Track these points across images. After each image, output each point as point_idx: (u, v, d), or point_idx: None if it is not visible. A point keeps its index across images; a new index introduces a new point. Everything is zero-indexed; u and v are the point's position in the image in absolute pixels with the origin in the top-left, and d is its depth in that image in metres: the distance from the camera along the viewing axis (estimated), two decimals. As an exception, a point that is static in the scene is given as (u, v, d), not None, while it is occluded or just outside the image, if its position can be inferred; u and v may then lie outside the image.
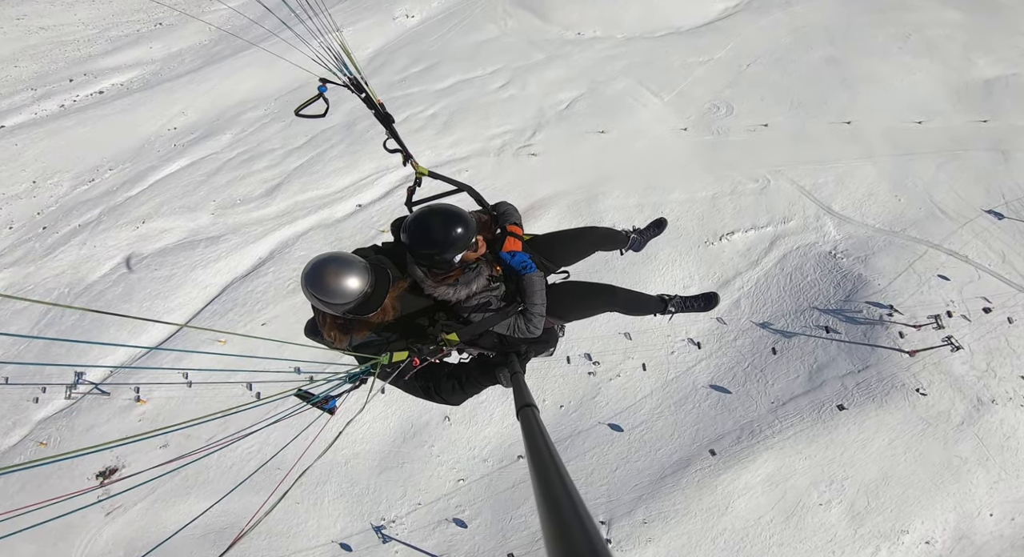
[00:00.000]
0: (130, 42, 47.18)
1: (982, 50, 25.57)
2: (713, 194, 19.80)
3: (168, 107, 32.24)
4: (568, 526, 0.82)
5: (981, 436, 13.74)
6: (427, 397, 3.07)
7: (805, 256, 17.70)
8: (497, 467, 15.35)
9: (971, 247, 17.87)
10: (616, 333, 16.68)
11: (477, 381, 3.01)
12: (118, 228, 24.88)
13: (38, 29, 56.40)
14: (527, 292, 3.06)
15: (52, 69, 43.25)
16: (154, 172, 28.30)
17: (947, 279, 16.98)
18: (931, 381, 14.23)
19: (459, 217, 2.88)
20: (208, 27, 50.79)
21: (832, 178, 20.10)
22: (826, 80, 24.51)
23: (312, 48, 3.37)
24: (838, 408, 14.37)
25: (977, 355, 14.99)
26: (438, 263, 2.97)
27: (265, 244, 22.27)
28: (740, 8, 31.64)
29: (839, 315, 15.98)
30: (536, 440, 1.31)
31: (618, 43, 28.65)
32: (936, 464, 13.44)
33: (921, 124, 22.24)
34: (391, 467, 15.67)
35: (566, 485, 0.98)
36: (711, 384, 15.47)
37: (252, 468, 15.83)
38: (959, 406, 13.95)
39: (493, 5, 34.33)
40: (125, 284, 22.08)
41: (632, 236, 4.57)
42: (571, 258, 3.76)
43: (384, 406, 16.80)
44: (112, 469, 16.38)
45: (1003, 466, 13.63)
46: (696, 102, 24.01)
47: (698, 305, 4.32)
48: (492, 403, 16.53)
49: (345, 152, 24.37)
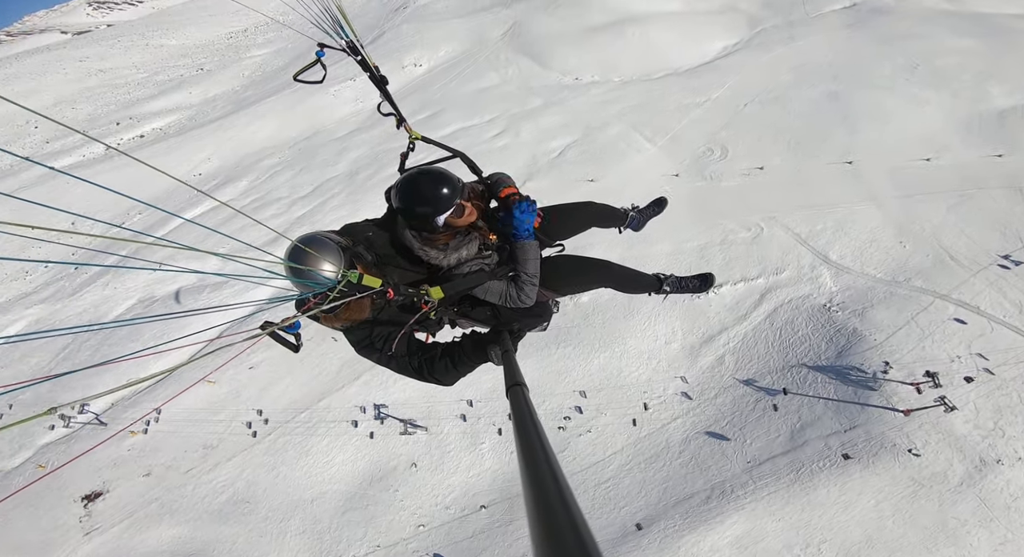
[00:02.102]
0: (173, 86, 51.30)
1: (996, 79, 24.30)
2: (702, 245, 19.34)
3: (196, 153, 34.73)
4: (551, 504, 0.84)
5: (983, 497, 12.57)
6: (420, 376, 3.04)
7: (797, 309, 16.91)
8: (459, 515, 15.44)
9: (984, 297, 16.61)
10: (593, 388, 16.40)
11: (469, 359, 2.97)
12: (136, 273, 26.77)
13: (97, 71, 62.34)
14: (520, 259, 3.06)
15: (104, 112, 47.53)
16: (174, 219, 30.43)
17: (964, 323, 15.92)
18: (926, 441, 13.16)
19: (444, 177, 2.86)
20: (242, 73, 55.21)
21: (831, 224, 19.29)
22: (827, 117, 23.81)
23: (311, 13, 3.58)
24: (843, 457, 13.58)
25: (984, 413, 13.82)
26: (426, 225, 2.97)
27: (263, 292, 23.31)
28: (740, 46, 31.54)
29: (830, 372, 15.08)
30: (524, 419, 1.31)
31: (615, 87, 29.01)
32: (929, 526, 12.35)
33: (929, 161, 21.13)
34: (355, 508, 16.08)
35: (551, 464, 0.99)
36: (685, 442, 14.87)
37: (224, 500, 16.95)
38: (958, 466, 12.83)
39: (496, 53, 35.62)
40: (134, 325, 23.55)
41: (631, 215, 4.40)
42: (567, 232, 3.69)
43: (355, 450, 17.50)
44: (97, 493, 17.62)
45: (1009, 527, 12.41)
46: (690, 145, 23.81)
47: (694, 285, 4.18)
48: (461, 452, 16.78)
49: (346, 201, 25.40)
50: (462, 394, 17.68)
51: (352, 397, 18.73)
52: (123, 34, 67.74)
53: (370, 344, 2.88)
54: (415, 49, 39.02)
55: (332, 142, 30.19)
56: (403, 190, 2.88)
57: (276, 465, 17.57)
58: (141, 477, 17.50)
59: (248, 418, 19.11)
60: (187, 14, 75.01)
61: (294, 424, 18.61)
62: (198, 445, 18.40)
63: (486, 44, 36.49)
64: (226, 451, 18.13)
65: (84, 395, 19.27)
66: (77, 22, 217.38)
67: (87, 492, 17.76)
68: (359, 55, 3.30)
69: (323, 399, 19.03)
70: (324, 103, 33.78)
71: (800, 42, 29.74)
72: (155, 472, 17.68)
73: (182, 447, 18.26)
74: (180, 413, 18.50)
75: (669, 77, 29.14)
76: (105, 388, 19.69)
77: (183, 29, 66.59)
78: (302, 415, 18.65)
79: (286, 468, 17.49)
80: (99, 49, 59.48)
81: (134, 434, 18.94)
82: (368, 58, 3.28)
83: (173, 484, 17.49)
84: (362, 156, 27.88)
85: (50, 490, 17.11)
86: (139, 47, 58.81)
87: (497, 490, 15.83)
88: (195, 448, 18.34)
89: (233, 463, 17.86)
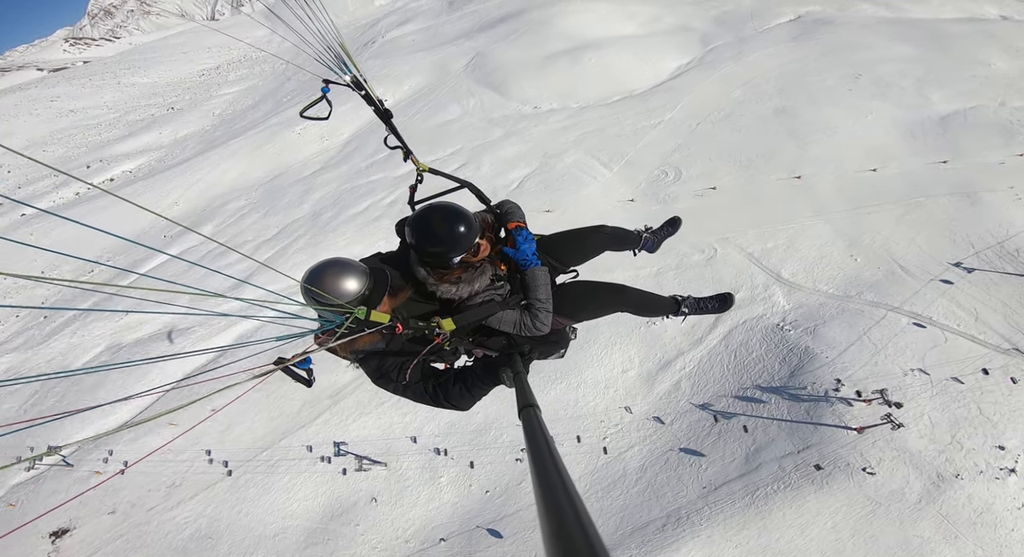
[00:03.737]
0: (144, 127, 51.08)
1: (936, 84, 25.00)
2: (658, 270, 19.53)
3: (163, 197, 34.59)
4: (568, 528, 0.81)
5: (945, 513, 12.50)
6: (435, 403, 3.01)
7: (751, 331, 17.04)
8: (419, 549, 15.62)
9: (937, 307, 16.78)
10: (551, 419, 16.32)
11: (482, 382, 2.95)
12: (104, 319, 26.67)
13: (68, 112, 62.04)
14: (530, 286, 3.04)
15: (74, 154, 47.34)
16: (143, 264, 30.32)
17: (923, 326, 16.14)
18: (881, 459, 13.16)
19: (462, 215, 2.84)
20: (212, 112, 55.46)
21: (782, 241, 19.56)
22: (775, 132, 24.34)
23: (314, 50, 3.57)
24: (815, 468, 13.57)
25: (940, 426, 13.85)
26: (441, 262, 2.95)
27: (226, 337, 23.54)
28: (693, 65, 32.30)
29: (783, 392, 15.14)
30: (538, 441, 1.29)
31: (573, 113, 29.53)
32: (892, 546, 12.22)
33: (876, 172, 21.57)
34: (317, 542, 16.40)
35: (567, 487, 0.96)
36: (642, 469, 14.84)
37: (187, 536, 17.42)
38: (915, 483, 12.78)
39: (458, 85, 36.23)
40: (101, 372, 23.61)
41: (645, 236, 4.34)
42: (579, 258, 3.68)
43: (316, 486, 17.89)
44: (64, 529, 18.22)
45: (978, 543, 12.36)
46: (645, 169, 24.19)
47: (712, 306, 4.11)
48: (420, 486, 17.09)
49: (308, 244, 25.44)
50: (407, 431, 18.41)
51: (313, 435, 19.16)
52: (96, 72, 68.26)
53: (384, 374, 2.86)
54: (380, 84, 39.61)
55: (298, 182, 30.35)
56: (418, 228, 2.85)
57: (238, 502, 18.01)
58: (107, 514, 18.05)
59: (210, 457, 19.55)
60: (161, 51, 75.89)
61: (256, 463, 18.99)
62: (162, 484, 18.81)
63: (449, 77, 37.13)
64: (189, 489, 18.60)
65: (48, 442, 19.96)
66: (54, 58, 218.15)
67: (55, 529, 18.25)
68: (363, 90, 3.34)
69: (284, 438, 19.42)
70: (290, 142, 34.03)
71: (749, 58, 30.53)
72: (120, 510, 18.17)
73: (146, 486, 18.69)
74: (144, 453, 18.79)
75: (625, 100, 29.74)
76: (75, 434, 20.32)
77: (155, 67, 67.21)
78: (263, 454, 18.96)
79: (248, 505, 17.89)
80: (71, 88, 59.80)
81: (99, 474, 19.50)
82: (372, 93, 3.34)
83: (138, 521, 17.99)
84: (326, 196, 28.06)
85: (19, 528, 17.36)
86: (111, 86, 59.19)
87: (456, 522, 16.07)
88: (159, 487, 18.75)
89: (196, 500, 18.25)
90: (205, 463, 19.34)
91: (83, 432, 20.59)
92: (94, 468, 19.70)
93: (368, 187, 28.45)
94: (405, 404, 20.96)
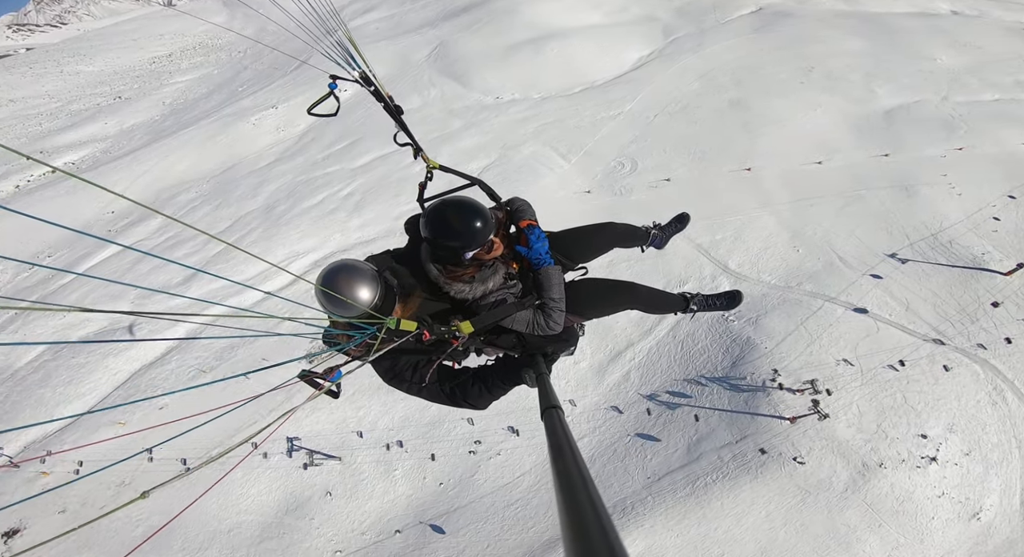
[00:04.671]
0: (88, 116, 48.45)
1: (882, 78, 25.70)
2: (610, 261, 19.66)
3: (110, 188, 33.12)
4: (589, 529, 0.82)
5: (870, 502, 13.08)
6: (453, 403, 2.99)
7: (698, 321, 17.38)
8: (375, 540, 15.88)
9: (871, 297, 17.38)
10: (497, 413, 16.50)
11: (502, 383, 2.96)
12: (46, 317, 25.64)
13: (8, 101, 58.26)
14: (544, 285, 3.01)
15: (13, 145, 44.81)
16: (88, 259, 29.07)
17: (865, 312, 16.70)
18: (810, 448, 13.67)
19: (478, 210, 2.81)
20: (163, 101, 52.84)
21: (730, 233, 19.94)
22: (729, 124, 24.68)
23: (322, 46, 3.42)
24: (760, 452, 13.99)
25: (867, 416, 14.42)
26: (455, 258, 2.90)
27: (174, 333, 22.94)
28: (654, 56, 32.40)
29: (724, 383, 15.57)
30: (560, 441, 1.28)
31: (533, 104, 29.34)
32: (820, 535, 12.77)
33: (821, 164, 22.14)
34: (272, 537, 16.55)
35: (588, 488, 0.96)
36: (590, 460, 15.11)
37: (139, 535, 17.32)
38: (841, 472, 13.33)
39: (420, 75, 35.55)
40: (44, 371, 22.68)
41: (653, 232, 4.33)
42: (589, 255, 3.66)
43: (269, 481, 17.97)
44: (15, 530, 18.26)
45: (900, 531, 12.97)
46: (603, 160, 24.28)
47: (721, 303, 4.12)
48: (375, 480, 17.19)
49: (261, 237, 24.76)
50: (361, 426, 18.54)
51: (264, 431, 18.73)
52: (37, 60, 64.41)
53: (398, 374, 2.83)
54: (340, 74, 38.62)
55: (252, 174, 29.38)
56: (434, 221, 2.81)
57: (190, 499, 17.57)
58: (57, 514, 18.00)
59: (161, 455, 19.14)
60: (110, 38, 71.97)
61: (206, 459, 18.63)
62: (111, 483, 18.65)
63: (411, 67, 36.36)
64: (138, 487, 18.41)
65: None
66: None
67: (5, 530, 18.13)
68: (372, 86, 3.26)
69: (235, 435, 19.13)
70: (244, 132, 32.89)
71: (708, 49, 30.79)
72: (70, 509, 18.09)
73: (95, 485, 18.46)
74: (92, 453, 18.63)
75: (586, 91, 29.68)
76: (14, 434, 19.86)
77: (103, 54, 63.70)
78: (214, 451, 18.50)
79: (201, 501, 17.51)
80: (10, 77, 56.33)
81: (46, 475, 19.31)
82: (382, 88, 3.24)
83: (88, 519, 17.34)
84: (280, 188, 27.31)
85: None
86: (53, 74, 55.98)
87: (411, 515, 16.32)
88: (108, 485, 18.59)
89: (147, 498, 17.60)
90: (155, 461, 19.03)
91: (25, 435, 20.24)
92: (38, 469, 19.32)
93: (324, 179, 27.81)
94: (358, 398, 20.85)
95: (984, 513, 12.96)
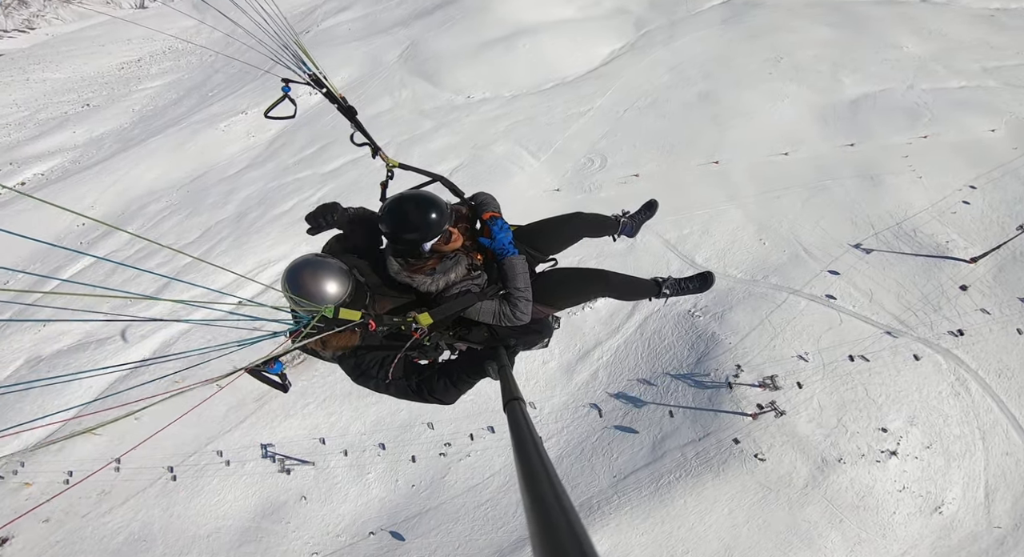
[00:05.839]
0: (56, 125, 46.99)
1: (849, 68, 25.77)
2: (579, 259, 19.59)
3: (78, 201, 32.19)
4: (553, 519, 0.83)
5: (830, 497, 13.17)
6: (420, 398, 2.97)
7: (665, 318, 17.41)
8: (349, 542, 16.16)
9: (836, 288, 17.49)
10: (467, 415, 16.55)
11: (467, 376, 2.94)
12: (22, 331, 25.26)
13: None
14: (508, 275, 2.98)
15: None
16: (60, 272, 28.55)
17: (835, 298, 16.75)
18: (771, 445, 13.75)
19: (431, 202, 2.82)
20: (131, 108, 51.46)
21: (698, 227, 19.96)
22: (698, 118, 24.66)
23: (271, 50, 3.40)
24: (734, 442, 14.06)
25: (827, 410, 14.50)
26: (413, 251, 2.89)
27: (147, 345, 22.70)
28: (624, 50, 32.25)
29: (689, 379, 15.63)
30: (523, 434, 1.29)
31: (505, 102, 29.12)
32: (782, 531, 12.85)
33: (787, 156, 22.17)
34: (250, 541, 16.85)
35: (551, 479, 0.97)
36: (558, 460, 15.15)
37: (121, 540, 17.98)
38: (801, 468, 13.42)
39: (391, 75, 35.13)
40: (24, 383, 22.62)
41: (623, 221, 4.25)
42: (558, 246, 3.60)
43: (245, 487, 18.15)
44: (4, 539, 18.85)
45: (862, 526, 13.09)
46: (573, 157, 24.16)
47: (693, 286, 4.04)
48: (348, 483, 17.32)
49: (232, 247, 24.39)
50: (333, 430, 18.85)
51: (239, 438, 19.38)
52: (3, 68, 62.82)
53: (364, 372, 2.82)
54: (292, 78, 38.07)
55: (222, 181, 28.88)
56: (389, 215, 2.82)
57: (169, 506, 18.52)
58: (41, 523, 18.47)
59: (138, 464, 19.58)
60: (77, 43, 70.25)
61: (184, 467, 19.21)
62: (92, 491, 19.00)
63: (382, 68, 35.86)
64: (119, 495, 19.02)
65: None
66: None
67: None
68: (324, 88, 3.28)
69: (211, 443, 19.50)
70: (214, 139, 32.28)
71: (679, 42, 30.71)
72: (54, 518, 18.59)
73: (77, 494, 18.84)
74: (72, 464, 19.22)
75: (557, 88, 29.51)
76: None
77: (70, 61, 62.17)
78: (191, 458, 19.08)
79: (179, 508, 18.34)
80: (-26, 87, 54.91)
81: (29, 485, 19.79)
82: (334, 89, 3.27)
83: (72, 528, 18.49)
84: (251, 195, 26.91)
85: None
86: (20, 82, 54.59)
87: (385, 516, 16.53)
88: (89, 494, 18.96)
89: (127, 506, 18.79)
90: (132, 470, 19.53)
91: (8, 446, 20.35)
92: (21, 480, 19.85)
93: (296, 185, 27.45)
94: (330, 404, 20.75)
95: (946, 506, 13.08)
